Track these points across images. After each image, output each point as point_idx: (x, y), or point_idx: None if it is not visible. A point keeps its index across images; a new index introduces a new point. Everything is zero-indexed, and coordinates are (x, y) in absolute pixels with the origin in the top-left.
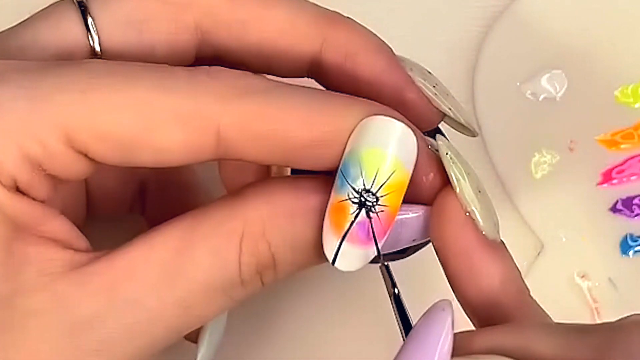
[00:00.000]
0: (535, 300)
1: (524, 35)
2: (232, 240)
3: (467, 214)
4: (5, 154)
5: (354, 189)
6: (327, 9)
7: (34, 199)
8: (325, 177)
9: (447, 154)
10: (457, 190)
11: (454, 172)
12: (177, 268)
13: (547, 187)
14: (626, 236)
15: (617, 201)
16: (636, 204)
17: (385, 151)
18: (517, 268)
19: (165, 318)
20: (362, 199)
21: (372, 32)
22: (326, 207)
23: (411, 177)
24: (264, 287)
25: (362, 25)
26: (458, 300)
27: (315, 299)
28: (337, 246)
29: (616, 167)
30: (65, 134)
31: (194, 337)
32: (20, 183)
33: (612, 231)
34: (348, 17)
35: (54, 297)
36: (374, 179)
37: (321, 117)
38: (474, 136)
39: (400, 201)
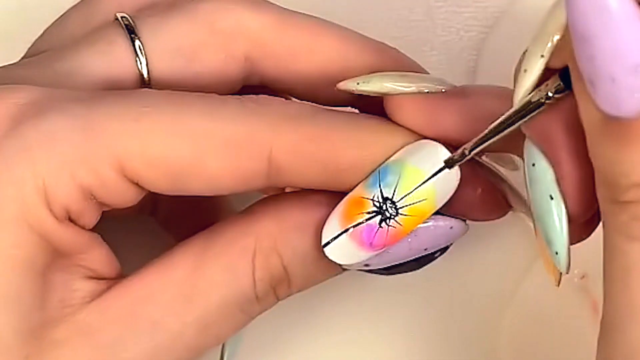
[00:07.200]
0: None
1: (524, 35)
2: (244, 256)
3: None
4: (60, 185)
5: (381, 194)
6: (374, 40)
7: (82, 227)
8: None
9: None
10: None
11: None
12: (193, 287)
13: None
14: None
15: None
16: None
17: (427, 176)
18: None
19: (186, 338)
20: (384, 207)
21: (417, 64)
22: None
23: (462, 193)
24: (279, 301)
25: (408, 57)
26: None
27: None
28: (337, 234)
29: None
30: (118, 162)
31: None
32: (72, 213)
33: None
34: (394, 48)
35: (76, 327)
36: (404, 196)
37: (368, 135)
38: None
39: (413, 229)
